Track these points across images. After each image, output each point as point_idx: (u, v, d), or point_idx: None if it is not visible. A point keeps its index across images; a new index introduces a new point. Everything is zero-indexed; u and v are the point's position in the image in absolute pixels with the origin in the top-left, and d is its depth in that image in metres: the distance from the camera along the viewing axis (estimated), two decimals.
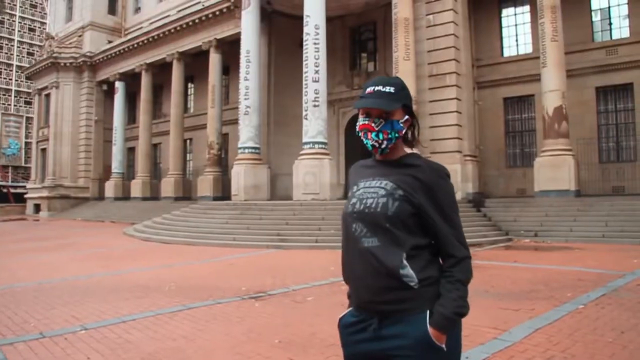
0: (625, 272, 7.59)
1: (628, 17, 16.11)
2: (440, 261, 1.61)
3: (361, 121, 1.66)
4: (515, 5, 18.03)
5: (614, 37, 16.32)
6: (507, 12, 18.23)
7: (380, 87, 1.64)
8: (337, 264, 6.16)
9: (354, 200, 1.66)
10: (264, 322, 5.04)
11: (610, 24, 16.46)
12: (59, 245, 13.82)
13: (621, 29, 16.28)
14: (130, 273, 8.61)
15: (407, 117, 1.67)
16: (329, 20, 17.66)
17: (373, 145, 1.65)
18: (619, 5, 16.36)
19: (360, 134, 1.68)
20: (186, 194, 25.44)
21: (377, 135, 1.63)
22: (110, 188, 29.26)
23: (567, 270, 7.90)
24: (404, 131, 1.66)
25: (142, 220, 19.33)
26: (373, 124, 1.62)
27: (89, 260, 10.48)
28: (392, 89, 1.63)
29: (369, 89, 1.66)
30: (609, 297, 5.82)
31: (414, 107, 2.16)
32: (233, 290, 6.68)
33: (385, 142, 1.63)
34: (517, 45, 17.96)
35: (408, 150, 1.71)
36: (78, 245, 13.83)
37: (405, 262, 1.53)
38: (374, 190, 1.62)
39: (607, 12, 16.62)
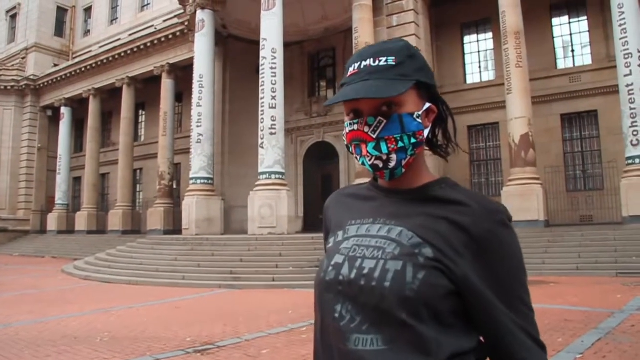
0: (612, 309, 7.23)
1: (589, 45, 16.28)
2: None
3: (348, 127, 1.05)
4: (477, 32, 17.97)
5: (576, 64, 16.44)
6: (470, 39, 18.14)
7: (370, 61, 1.02)
8: (295, 306, 4.90)
9: (337, 258, 1.03)
10: None
11: (572, 51, 16.55)
12: None
13: (583, 56, 16.44)
14: (58, 320, 7.83)
15: (428, 104, 1.04)
16: (287, 46, 17.26)
17: (374, 166, 1.03)
18: (580, 32, 16.57)
19: (350, 149, 1.07)
20: (135, 227, 24.35)
21: (377, 148, 1.01)
22: (53, 220, 27.68)
23: (549, 309, 7.32)
24: (426, 132, 1.04)
25: (86, 256, 18.48)
26: (367, 129, 1.01)
27: (14, 304, 9.55)
28: (392, 60, 1.01)
29: (354, 67, 1.04)
30: (606, 343, 5.36)
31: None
32: (177, 341, 6.08)
33: (394, 158, 1.01)
34: (480, 72, 17.81)
35: (424, 170, 1.09)
36: (7, 285, 12.79)
37: None
38: (377, 244, 1.00)
39: (569, 40, 16.71)
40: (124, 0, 28.84)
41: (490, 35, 17.50)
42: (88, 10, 31.55)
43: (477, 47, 17.98)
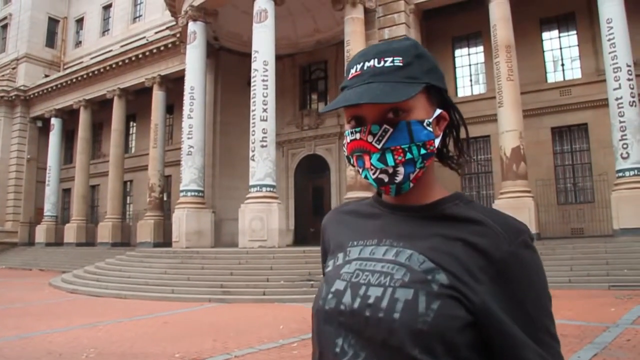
0: (607, 323, 7.18)
1: (579, 59, 16.45)
2: None
3: (349, 137, 0.94)
4: (469, 46, 18.08)
5: (566, 78, 16.58)
6: (461, 52, 18.26)
7: (374, 61, 0.92)
8: (286, 321, 4.78)
9: (338, 284, 0.92)
10: None
11: (562, 65, 16.67)
12: None
13: (573, 70, 16.58)
14: (43, 335, 7.60)
15: (439, 110, 0.94)
16: (279, 58, 17.26)
17: (379, 180, 0.92)
18: (569, 46, 16.71)
19: (352, 161, 0.95)
20: (125, 239, 24.08)
21: (382, 160, 0.90)
22: (41, 232, 27.31)
23: None
24: (437, 142, 0.93)
25: (74, 268, 18.15)
26: (371, 138, 0.90)
27: None
28: (398, 60, 0.91)
29: (356, 68, 0.93)
30: (603, 359, 5.34)
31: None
32: (165, 357, 6.00)
33: (402, 171, 0.90)
34: (471, 85, 17.89)
35: (435, 186, 0.98)
36: None
37: None
38: (383, 268, 0.89)
39: (559, 54, 16.87)
40: (116, 11, 28.84)
41: (481, 48, 17.63)
42: (80, 22, 31.50)
43: (468, 60, 18.10)
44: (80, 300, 12.18)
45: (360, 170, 0.93)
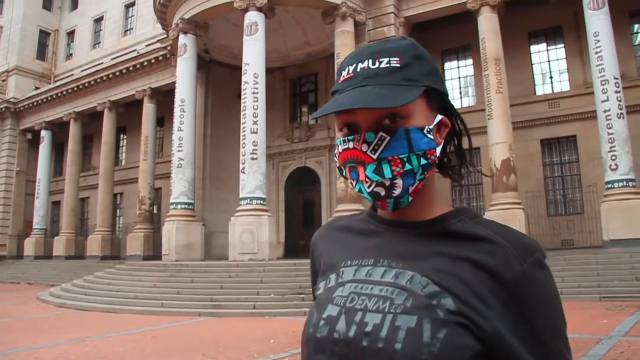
0: (600, 336, 7.18)
1: (567, 71, 16.64)
2: None
3: (341, 146, 0.84)
4: (458, 59, 18.22)
5: (555, 91, 16.76)
6: (451, 65, 18.41)
7: (369, 62, 0.83)
8: (276, 335, 4.64)
9: (331, 309, 0.82)
10: None
11: (551, 77, 16.85)
12: None
13: (562, 83, 16.79)
14: (29, 351, 7.49)
15: (440, 117, 0.86)
16: (269, 71, 17.35)
17: (375, 194, 0.83)
18: (558, 60, 16.89)
19: (344, 173, 0.86)
20: (115, 252, 23.86)
21: (379, 171, 0.81)
22: (30, 246, 27.00)
23: None
24: (438, 151, 0.85)
25: (63, 282, 18.00)
26: (365, 147, 0.81)
27: None
28: (395, 61, 0.82)
29: (348, 70, 0.85)
30: None
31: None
32: None
33: (400, 184, 0.81)
34: (461, 98, 18.01)
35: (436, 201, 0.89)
36: None
37: None
38: (382, 292, 0.80)
39: (547, 67, 17.07)
40: (108, 24, 28.86)
41: (470, 61, 17.78)
42: (71, 34, 31.47)
43: (458, 73, 18.23)
44: (68, 315, 12.11)
45: (354, 183, 0.85)
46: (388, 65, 0.82)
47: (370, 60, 0.83)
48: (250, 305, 11.47)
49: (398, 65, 0.82)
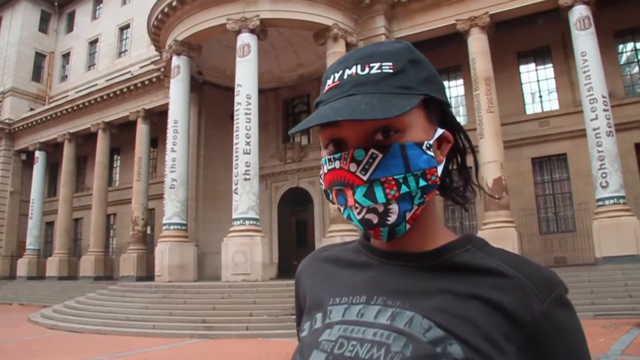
0: (598, 354, 7.06)
1: (556, 90, 16.80)
2: None
3: (327, 165, 0.72)
4: (449, 79, 18.37)
5: (545, 109, 16.90)
6: None
7: (357, 68, 0.71)
8: (269, 357, 4.63)
9: (316, 356, 0.68)
10: None
11: (540, 96, 17.03)
12: None
13: (551, 102, 16.94)
14: None
15: (440, 130, 0.74)
16: (262, 92, 17.40)
17: (366, 222, 0.70)
18: (546, 79, 17.07)
19: (330, 197, 0.74)
20: (107, 273, 23.68)
21: (370, 195, 0.68)
22: (23, 266, 26.74)
23: None
24: (439, 171, 0.72)
25: (55, 303, 17.81)
26: (354, 167, 0.68)
27: None
28: (388, 66, 0.71)
29: (333, 78, 0.73)
30: None
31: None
32: None
33: (395, 209, 0.68)
34: None
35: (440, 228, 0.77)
36: None
37: None
38: (375, 337, 0.66)
39: (536, 86, 17.24)
40: (102, 47, 29.03)
41: (461, 81, 17.95)
42: (66, 56, 31.60)
43: (448, 93, 18.17)
44: (58, 337, 11.94)
45: (342, 209, 0.72)
46: (379, 71, 0.71)
47: (359, 66, 0.72)
48: (242, 327, 11.33)
49: (391, 71, 0.71)
